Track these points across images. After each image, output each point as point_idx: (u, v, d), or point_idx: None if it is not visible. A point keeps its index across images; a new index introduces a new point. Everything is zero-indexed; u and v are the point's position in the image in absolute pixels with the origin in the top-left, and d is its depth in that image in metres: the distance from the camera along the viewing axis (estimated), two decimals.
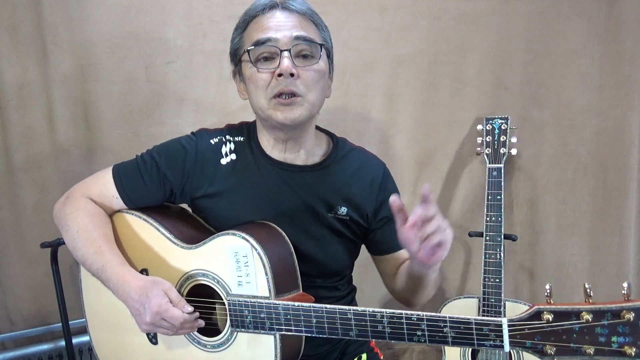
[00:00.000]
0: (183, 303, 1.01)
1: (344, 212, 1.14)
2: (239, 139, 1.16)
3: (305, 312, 0.97)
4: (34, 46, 1.61)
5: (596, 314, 0.77)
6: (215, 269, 1.05)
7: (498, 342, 0.83)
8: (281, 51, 1.03)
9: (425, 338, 0.88)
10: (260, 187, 1.13)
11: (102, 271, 1.05)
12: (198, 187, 1.13)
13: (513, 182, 1.85)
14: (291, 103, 1.04)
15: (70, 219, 1.10)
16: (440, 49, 1.77)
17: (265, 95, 1.05)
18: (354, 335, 0.94)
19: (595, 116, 1.80)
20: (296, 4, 1.07)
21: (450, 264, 1.93)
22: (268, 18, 1.05)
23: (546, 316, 0.80)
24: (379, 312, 0.91)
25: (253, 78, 1.06)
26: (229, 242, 1.03)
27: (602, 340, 0.77)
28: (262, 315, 1.00)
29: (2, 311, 1.73)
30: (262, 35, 1.04)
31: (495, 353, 1.62)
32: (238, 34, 1.11)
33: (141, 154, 1.17)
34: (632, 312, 0.75)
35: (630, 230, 1.85)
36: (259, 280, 1.01)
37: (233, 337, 1.05)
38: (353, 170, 1.17)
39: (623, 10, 1.72)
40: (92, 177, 1.17)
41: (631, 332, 0.75)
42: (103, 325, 1.18)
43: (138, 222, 1.13)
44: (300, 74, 1.04)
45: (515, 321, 0.82)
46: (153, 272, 1.10)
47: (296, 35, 1.04)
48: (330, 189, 1.14)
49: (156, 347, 1.12)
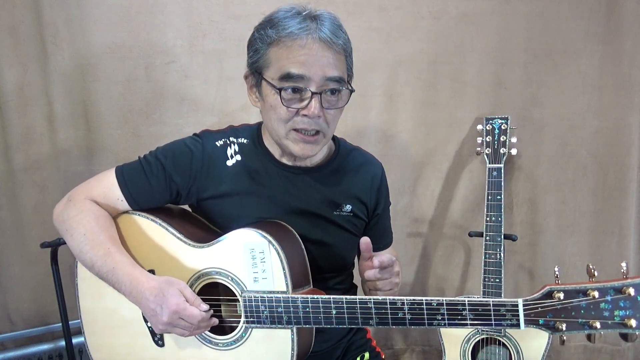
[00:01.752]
0: (199, 301, 1.01)
1: (348, 210, 1.18)
2: (243, 140, 1.17)
3: (325, 304, 0.99)
4: (34, 46, 1.61)
5: (601, 290, 0.85)
6: (229, 266, 1.05)
7: (514, 322, 0.89)
8: (312, 94, 1.02)
9: (445, 322, 0.93)
10: (267, 188, 1.14)
11: (113, 273, 1.03)
12: (205, 188, 1.13)
13: (513, 182, 1.85)
14: (313, 141, 1.07)
15: (76, 222, 1.08)
16: (440, 49, 1.77)
17: (284, 127, 1.05)
18: (374, 323, 0.97)
19: (595, 116, 1.80)
20: (332, 35, 1.02)
21: (450, 264, 1.93)
22: (303, 48, 1.00)
23: (557, 295, 0.87)
24: (399, 300, 0.94)
25: (275, 107, 1.04)
26: (245, 239, 1.03)
27: (606, 315, 0.85)
28: (280, 310, 1.01)
29: (2, 311, 1.73)
30: (294, 69, 1.00)
31: (495, 353, 1.62)
32: (264, 47, 1.04)
33: (144, 156, 1.16)
34: (632, 288, 0.83)
35: (630, 230, 1.85)
36: (276, 276, 1.01)
37: (248, 334, 1.05)
38: (356, 169, 1.21)
39: (623, 10, 1.72)
40: (94, 179, 1.15)
41: (632, 305, 0.83)
42: (102, 331, 1.15)
43: (145, 222, 1.12)
44: (324, 113, 1.05)
45: (529, 301, 0.89)
46: (161, 272, 1.09)
47: (329, 77, 1.02)
48: (335, 188, 1.17)
49: (162, 349, 1.11)
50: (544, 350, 1.55)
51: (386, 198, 1.27)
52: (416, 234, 1.91)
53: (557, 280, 0.89)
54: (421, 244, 1.92)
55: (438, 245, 1.92)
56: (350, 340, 1.26)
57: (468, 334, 1.62)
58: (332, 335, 1.20)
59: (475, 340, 1.62)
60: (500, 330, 1.58)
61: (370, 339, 1.32)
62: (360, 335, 1.29)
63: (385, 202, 1.27)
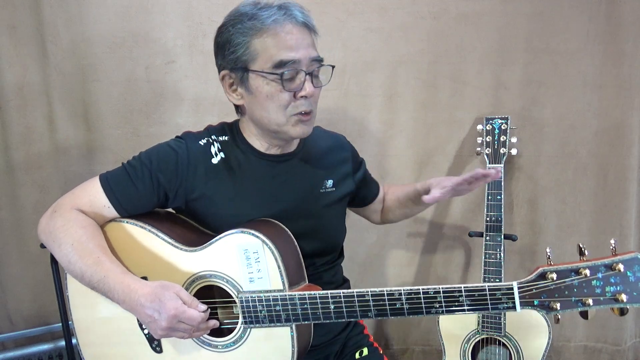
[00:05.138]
0: (196, 303, 1.01)
1: (330, 185, 1.24)
2: (223, 138, 1.19)
3: (323, 300, 0.99)
4: (34, 46, 1.61)
5: (592, 268, 0.88)
6: (223, 268, 1.05)
7: (510, 304, 0.92)
8: (305, 74, 1.06)
9: (443, 309, 0.95)
10: (253, 181, 1.15)
11: (104, 282, 1.02)
12: (193, 188, 1.13)
13: (513, 182, 1.85)
14: (309, 119, 1.11)
15: (63, 232, 1.06)
16: (440, 49, 1.77)
17: (285, 113, 1.09)
18: (372, 315, 0.98)
19: (595, 116, 1.80)
20: (306, 17, 1.08)
21: (450, 264, 1.93)
22: (286, 33, 1.04)
23: (550, 275, 0.90)
24: (396, 291, 0.96)
25: (272, 96, 1.07)
26: (237, 240, 1.03)
27: (598, 292, 0.88)
28: (278, 308, 1.01)
29: (2, 311, 1.73)
30: (286, 55, 1.04)
31: (496, 353, 1.62)
32: (247, 39, 1.06)
33: (128, 161, 1.14)
34: (622, 264, 0.86)
35: (630, 230, 1.85)
36: (272, 275, 1.02)
37: (247, 334, 1.05)
38: (326, 146, 1.28)
39: (623, 10, 1.72)
40: (79, 188, 1.13)
41: (622, 281, 0.87)
42: (99, 341, 1.14)
43: (134, 229, 1.11)
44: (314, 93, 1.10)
45: (524, 283, 0.92)
46: (154, 278, 1.07)
47: (313, 58, 1.07)
48: (313, 168, 1.23)
49: (161, 355, 1.10)
50: (544, 350, 1.55)
51: (358, 158, 1.36)
52: (416, 234, 1.91)
53: (549, 261, 0.91)
54: (421, 244, 1.92)
55: (438, 245, 1.92)
56: (347, 336, 1.27)
57: (468, 334, 1.62)
58: (330, 329, 1.21)
59: (475, 340, 1.62)
60: (500, 330, 1.58)
61: (368, 335, 1.33)
62: (357, 331, 1.30)
63: (360, 162, 1.36)
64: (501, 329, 1.58)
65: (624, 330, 1.93)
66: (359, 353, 1.26)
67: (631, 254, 0.86)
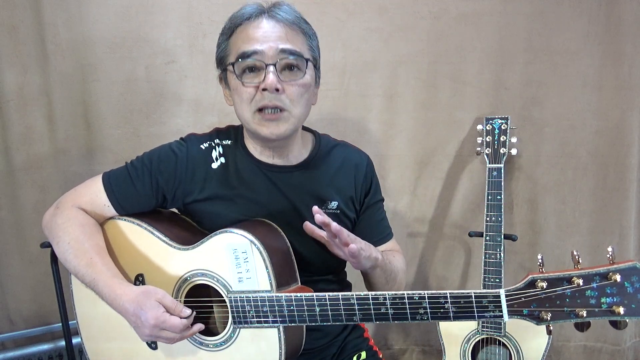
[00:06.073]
0: (180, 308, 1.00)
1: (334, 207, 1.16)
2: (227, 142, 1.17)
3: (309, 302, 0.98)
4: (34, 46, 1.61)
5: (586, 278, 0.82)
6: (214, 267, 1.05)
7: (497, 312, 0.87)
8: (266, 65, 1.02)
9: (428, 316, 0.91)
10: (250, 189, 1.14)
11: (94, 284, 1.04)
12: (190, 192, 1.13)
13: (513, 182, 1.85)
14: (277, 118, 1.05)
15: (62, 230, 1.08)
16: (440, 49, 1.77)
17: (249, 108, 1.06)
18: (357, 319, 0.96)
19: (595, 116, 1.80)
20: (283, 12, 1.05)
21: (450, 264, 1.93)
22: (254, 27, 1.04)
23: (540, 284, 0.84)
24: (381, 295, 0.93)
25: (238, 90, 1.06)
26: (227, 240, 1.03)
27: (593, 303, 0.82)
28: (265, 309, 1.01)
29: (2, 311, 1.73)
30: (248, 47, 1.03)
31: (496, 353, 1.62)
32: (224, 40, 1.10)
33: (131, 161, 1.16)
34: (619, 274, 0.80)
35: (630, 230, 1.85)
36: (260, 275, 1.01)
37: (236, 334, 1.05)
38: (338, 164, 1.19)
39: (623, 10, 1.73)
40: (82, 186, 1.15)
41: (619, 292, 0.81)
42: (99, 336, 1.16)
43: (131, 227, 1.12)
44: (285, 89, 1.04)
45: (512, 291, 0.87)
46: (149, 276, 1.09)
47: (282, 48, 1.03)
48: (318, 185, 1.16)
49: (156, 352, 1.11)
50: (544, 350, 1.55)
51: (376, 189, 1.24)
52: (416, 234, 1.91)
53: (540, 268, 0.86)
54: (421, 244, 1.92)
55: (438, 245, 1.92)
56: (345, 339, 1.25)
57: (468, 333, 1.62)
58: (326, 333, 1.20)
59: (475, 340, 1.62)
60: (500, 330, 1.58)
61: (368, 338, 1.31)
62: (356, 334, 1.28)
63: (374, 193, 1.24)
64: (501, 329, 1.58)
65: (623, 330, 1.94)
66: (357, 357, 1.24)
67: (629, 263, 0.80)
